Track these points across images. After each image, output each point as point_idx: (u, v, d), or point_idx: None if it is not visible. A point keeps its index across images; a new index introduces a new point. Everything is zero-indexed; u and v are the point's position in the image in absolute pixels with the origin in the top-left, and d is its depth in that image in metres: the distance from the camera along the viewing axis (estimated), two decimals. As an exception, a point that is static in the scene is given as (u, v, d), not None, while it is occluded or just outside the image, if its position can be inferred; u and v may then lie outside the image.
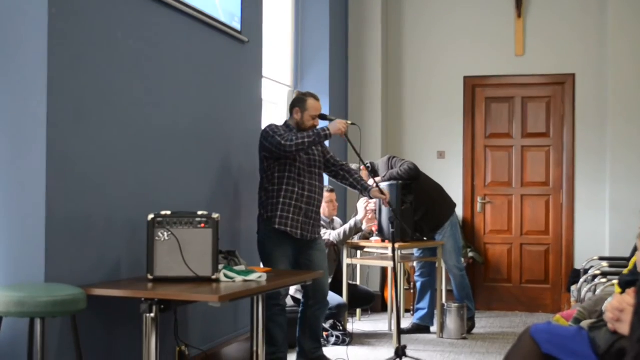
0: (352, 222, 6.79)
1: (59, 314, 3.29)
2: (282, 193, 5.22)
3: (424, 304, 7.07)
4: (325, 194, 6.86)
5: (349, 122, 5.37)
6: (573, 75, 8.37)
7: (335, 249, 6.92)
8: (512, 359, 3.17)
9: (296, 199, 5.22)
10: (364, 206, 6.74)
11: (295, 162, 5.24)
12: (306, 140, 5.12)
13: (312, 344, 5.49)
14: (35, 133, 3.57)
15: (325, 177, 5.66)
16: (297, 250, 5.34)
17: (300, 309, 5.53)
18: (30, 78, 3.59)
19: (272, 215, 5.22)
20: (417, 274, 7.18)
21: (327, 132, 5.18)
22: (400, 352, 4.98)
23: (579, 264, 7.94)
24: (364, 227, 6.89)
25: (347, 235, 6.77)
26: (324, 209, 6.79)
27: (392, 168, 6.85)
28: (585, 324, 3.29)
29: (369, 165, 7.03)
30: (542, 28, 8.44)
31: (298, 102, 5.40)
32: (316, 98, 5.44)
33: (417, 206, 6.76)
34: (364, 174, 6.91)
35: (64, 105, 3.68)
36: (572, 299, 6.66)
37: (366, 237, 7.01)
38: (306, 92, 5.55)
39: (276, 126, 5.28)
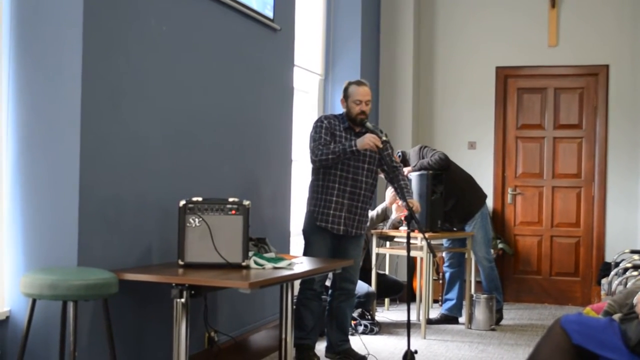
0: (379, 209, 6.82)
1: (91, 297, 3.32)
2: (323, 189, 5.23)
3: (453, 294, 7.06)
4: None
5: (384, 137, 5.25)
6: (607, 66, 8.29)
7: (365, 237, 6.93)
8: (542, 349, 3.16)
9: (337, 194, 5.21)
10: (391, 194, 6.75)
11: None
12: (330, 156, 5.09)
13: (338, 337, 5.47)
14: (69, 118, 3.60)
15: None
16: (337, 244, 5.33)
17: (327, 300, 5.54)
18: (65, 63, 3.62)
19: (315, 210, 5.26)
20: (446, 264, 7.17)
21: (354, 148, 5.06)
22: (410, 356, 4.97)
23: (609, 257, 7.88)
24: (392, 215, 6.90)
25: (374, 222, 6.81)
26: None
27: (423, 158, 6.84)
28: (616, 317, 3.27)
29: (399, 154, 7.04)
30: (576, 18, 8.36)
31: (343, 92, 5.36)
32: (358, 84, 5.34)
33: (447, 196, 6.74)
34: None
35: (98, 91, 3.71)
36: (603, 292, 6.61)
37: (396, 226, 7.01)
38: (352, 80, 5.48)
39: (322, 123, 5.22)
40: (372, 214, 6.83)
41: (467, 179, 7.09)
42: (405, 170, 6.84)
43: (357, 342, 5.71)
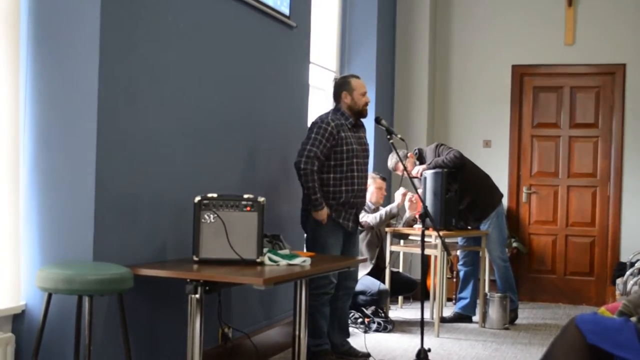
0: (388, 208, 6.81)
1: (107, 292, 3.33)
2: (341, 194, 5.16)
3: (467, 293, 7.04)
4: (378, 181, 6.91)
5: (399, 135, 5.32)
6: (624, 65, 8.25)
7: (377, 234, 6.93)
8: (557, 349, 3.15)
9: (350, 196, 5.18)
10: (401, 194, 6.77)
11: (353, 157, 5.15)
12: (307, 186, 5.05)
13: (341, 337, 5.45)
14: (86, 115, 3.62)
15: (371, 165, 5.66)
16: (345, 239, 5.31)
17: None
18: (83, 59, 3.63)
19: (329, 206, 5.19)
20: (460, 262, 7.16)
21: (314, 207, 5.08)
22: (423, 355, 4.97)
23: (625, 257, 7.84)
24: (406, 214, 6.92)
25: (383, 220, 6.80)
26: (374, 195, 6.86)
27: (438, 156, 6.83)
28: (634, 319, 3.26)
29: (416, 151, 7.04)
30: (593, 17, 8.32)
31: (343, 86, 5.31)
32: (357, 77, 5.38)
33: (463, 195, 6.74)
34: (409, 162, 6.92)
35: (115, 87, 3.73)
36: (617, 292, 6.59)
37: (410, 224, 7.01)
38: (345, 74, 5.48)
39: (328, 126, 5.11)
40: (381, 212, 6.82)
41: (484, 178, 7.06)
42: (420, 168, 6.85)
43: (359, 341, 5.71)
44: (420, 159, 7.02)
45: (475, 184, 6.91)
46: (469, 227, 6.88)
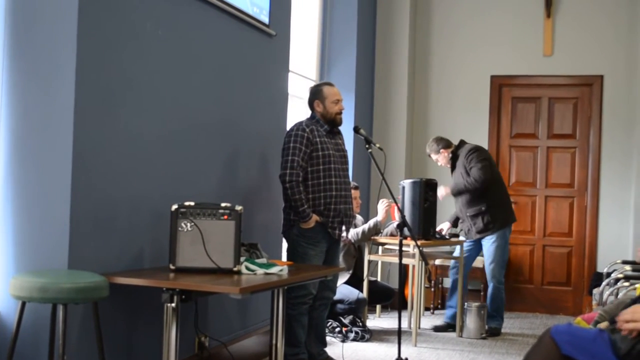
0: (371, 223, 6.78)
1: (81, 301, 3.30)
2: (320, 200, 5.16)
3: (454, 302, 7.01)
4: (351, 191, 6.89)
5: (377, 145, 5.32)
6: (601, 76, 8.32)
7: (354, 245, 6.91)
8: (532, 359, 3.16)
9: (330, 202, 5.17)
10: (384, 207, 6.74)
11: (330, 163, 5.15)
12: (294, 199, 5.04)
13: (318, 347, 5.43)
14: (62, 121, 3.59)
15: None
16: (328, 248, 5.30)
17: None
18: (59, 67, 3.61)
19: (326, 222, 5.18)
20: (452, 269, 7.10)
21: (303, 218, 5.07)
22: None
23: (601, 267, 7.89)
24: (394, 223, 6.90)
25: (366, 235, 6.76)
26: None
27: (466, 165, 6.80)
28: (603, 325, 3.27)
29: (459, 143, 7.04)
30: (571, 29, 8.39)
31: (315, 95, 5.32)
32: (330, 84, 5.37)
33: (472, 203, 6.76)
34: (442, 156, 6.99)
35: (92, 95, 3.70)
36: (594, 302, 6.62)
37: (393, 234, 6.97)
38: (319, 82, 5.50)
39: (303, 133, 5.10)
40: (364, 227, 6.80)
41: (499, 196, 7.01)
42: (444, 191, 6.87)
43: (337, 350, 5.70)
44: (456, 151, 7.02)
45: (489, 198, 6.88)
46: (466, 239, 6.93)
